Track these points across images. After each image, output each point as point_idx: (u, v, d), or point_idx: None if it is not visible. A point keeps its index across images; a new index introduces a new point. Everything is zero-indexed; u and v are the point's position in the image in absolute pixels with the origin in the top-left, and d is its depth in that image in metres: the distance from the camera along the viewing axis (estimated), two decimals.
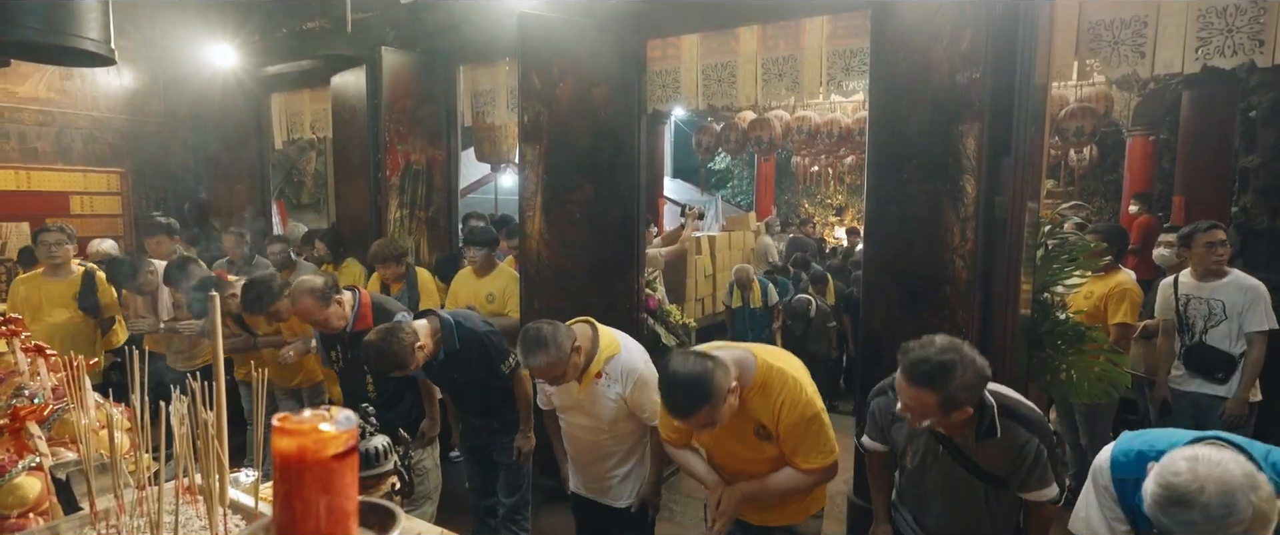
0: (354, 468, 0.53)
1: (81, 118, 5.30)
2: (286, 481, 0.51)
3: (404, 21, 4.52)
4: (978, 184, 2.67)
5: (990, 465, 1.78)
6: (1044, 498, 1.79)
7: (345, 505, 0.52)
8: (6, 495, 1.24)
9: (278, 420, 0.52)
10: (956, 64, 2.66)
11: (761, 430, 1.89)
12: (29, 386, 1.69)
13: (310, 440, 0.51)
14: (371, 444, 1.37)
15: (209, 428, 1.01)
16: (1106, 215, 8.50)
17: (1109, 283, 3.48)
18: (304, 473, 0.51)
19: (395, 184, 4.57)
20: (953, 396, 1.61)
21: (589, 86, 3.54)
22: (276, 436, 0.51)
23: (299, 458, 0.51)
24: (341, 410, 0.56)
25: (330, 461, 0.51)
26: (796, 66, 3.64)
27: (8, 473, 1.27)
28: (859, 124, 6.76)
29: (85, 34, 2.71)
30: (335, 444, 0.52)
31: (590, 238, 3.60)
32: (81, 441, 1.20)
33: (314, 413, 0.54)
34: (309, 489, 0.51)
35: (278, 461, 0.51)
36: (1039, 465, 1.75)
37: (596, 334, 2.29)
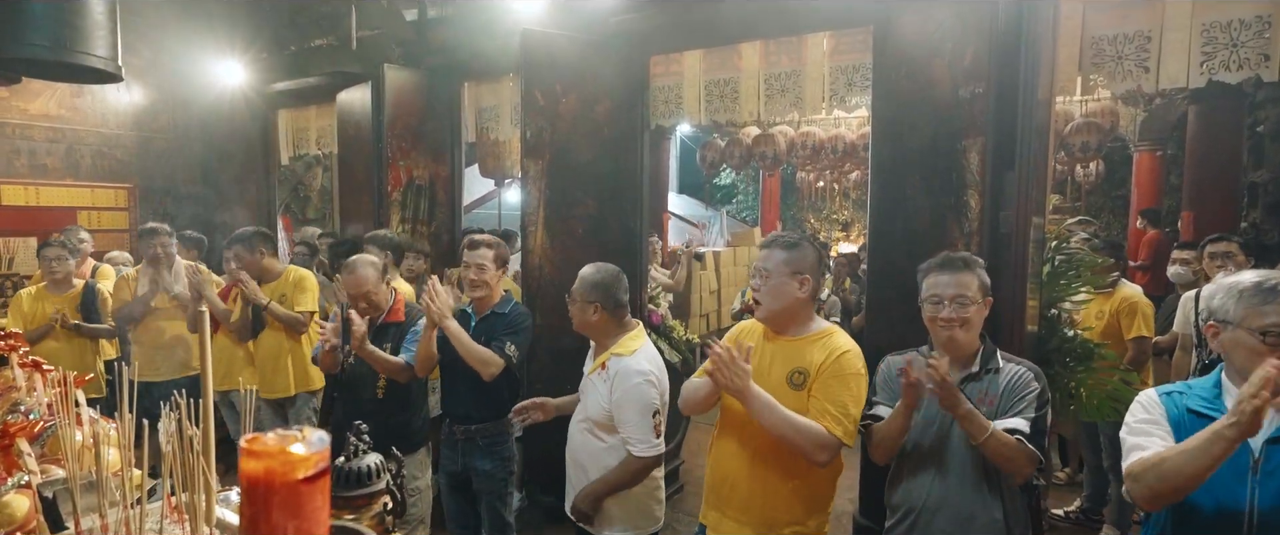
0: (324, 491, 0.51)
1: (91, 134, 5.36)
2: (253, 504, 0.49)
3: (409, 39, 4.56)
4: (982, 199, 2.65)
5: (984, 406, 1.79)
6: (1012, 425, 1.72)
7: (315, 530, 0.50)
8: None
9: (245, 441, 0.51)
10: (959, 79, 2.65)
11: (796, 376, 1.84)
12: (25, 402, 1.68)
13: (278, 462, 0.49)
14: (362, 463, 1.34)
15: (195, 444, 1.00)
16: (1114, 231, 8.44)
17: (1116, 298, 3.44)
18: (271, 496, 0.49)
19: (396, 199, 4.58)
20: (984, 279, 1.83)
21: (592, 103, 3.55)
22: (243, 458, 0.50)
23: (266, 480, 0.49)
24: (314, 431, 0.54)
25: (299, 484, 0.49)
26: (799, 82, 3.65)
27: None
28: (863, 139, 6.75)
29: (93, 51, 2.75)
30: (305, 466, 0.50)
31: (593, 253, 3.56)
32: (68, 459, 1.18)
33: (284, 433, 0.52)
34: (276, 513, 0.49)
35: (244, 484, 0.49)
36: (1025, 393, 1.77)
37: (628, 331, 2.20)
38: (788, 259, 1.86)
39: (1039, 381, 1.80)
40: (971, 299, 1.81)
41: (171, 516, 1.16)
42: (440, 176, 4.75)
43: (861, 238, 11.97)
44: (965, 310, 1.80)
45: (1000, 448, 1.70)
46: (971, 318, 1.81)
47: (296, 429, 0.54)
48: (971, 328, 1.82)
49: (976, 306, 1.82)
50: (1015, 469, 1.73)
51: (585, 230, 3.58)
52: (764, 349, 1.94)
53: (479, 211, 9.08)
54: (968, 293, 1.81)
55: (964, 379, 1.83)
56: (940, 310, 1.82)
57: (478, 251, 2.61)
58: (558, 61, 3.50)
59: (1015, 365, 1.84)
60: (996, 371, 1.83)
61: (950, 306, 1.81)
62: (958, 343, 1.82)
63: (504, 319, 2.64)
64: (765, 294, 1.88)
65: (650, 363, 2.14)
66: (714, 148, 7.34)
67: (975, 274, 1.83)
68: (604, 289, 2.17)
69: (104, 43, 2.79)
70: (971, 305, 1.81)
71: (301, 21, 5.08)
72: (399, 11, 4.45)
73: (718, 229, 11.50)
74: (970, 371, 1.85)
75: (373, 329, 2.78)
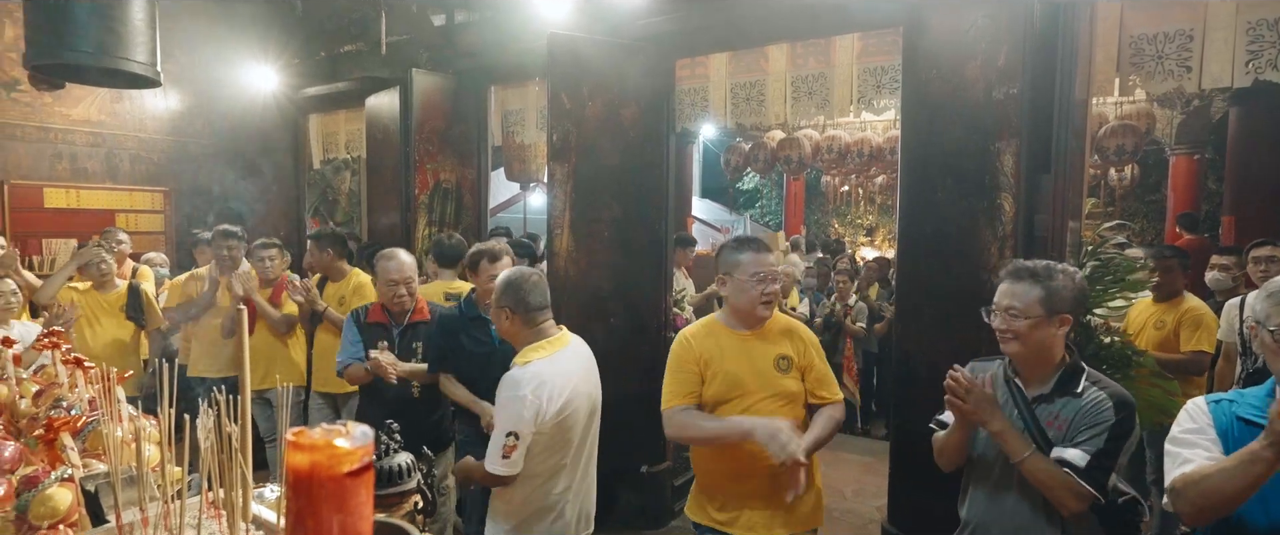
0: (369, 486, 0.51)
1: (129, 138, 5.50)
2: (299, 498, 0.49)
3: (437, 44, 4.61)
4: (1016, 202, 2.60)
5: (1053, 431, 1.66)
6: (1064, 456, 1.58)
7: (359, 525, 0.50)
8: (38, 506, 1.24)
9: (292, 434, 0.51)
10: (993, 80, 2.61)
11: (783, 361, 2.01)
12: (67, 398, 1.72)
13: (324, 456, 0.49)
14: (394, 462, 1.35)
15: (233, 442, 1.01)
16: (1149, 236, 8.23)
17: (1180, 309, 3.29)
18: (317, 490, 0.49)
19: (423, 202, 4.63)
20: (1056, 294, 1.63)
21: (618, 106, 3.56)
22: (290, 451, 0.50)
23: (312, 474, 0.49)
24: (358, 426, 0.54)
25: (344, 478, 0.49)
26: (827, 84, 3.62)
27: (40, 484, 1.28)
28: (890, 143, 6.68)
29: (134, 57, 2.82)
30: (350, 460, 0.50)
31: (618, 256, 3.59)
32: (110, 454, 1.21)
33: (329, 427, 0.52)
34: (322, 507, 0.48)
35: (290, 478, 0.49)
36: (1096, 422, 1.58)
37: (539, 338, 2.04)
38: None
39: (1120, 412, 1.60)
40: (1023, 313, 1.65)
41: (209, 512, 1.18)
42: (467, 180, 4.79)
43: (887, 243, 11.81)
44: (1014, 323, 1.66)
45: (1037, 473, 1.60)
46: (1022, 332, 1.65)
47: (341, 423, 0.54)
48: (1025, 343, 1.66)
49: (1029, 322, 1.64)
50: (1056, 499, 1.60)
51: (610, 233, 3.58)
52: (733, 350, 2.01)
53: (504, 215, 9.15)
54: (1018, 305, 1.66)
55: (1036, 399, 1.71)
56: (994, 320, 1.72)
57: (501, 262, 2.69)
58: (584, 65, 3.52)
59: (1099, 391, 1.65)
60: (1075, 395, 1.65)
61: (1000, 317, 1.69)
62: (1015, 357, 1.71)
63: None
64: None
65: (537, 379, 1.92)
66: (738, 152, 7.32)
67: (1041, 286, 1.65)
68: (512, 291, 2.03)
69: (144, 49, 2.87)
70: (1022, 320, 1.65)
71: (332, 27, 5.17)
72: (428, 17, 4.50)
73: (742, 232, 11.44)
74: (1042, 392, 1.70)
75: (401, 328, 2.83)
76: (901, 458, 2.99)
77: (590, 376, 2.15)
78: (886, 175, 9.10)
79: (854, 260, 7.84)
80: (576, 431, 2.04)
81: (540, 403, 1.91)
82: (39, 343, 2.01)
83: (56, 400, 1.70)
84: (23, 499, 1.23)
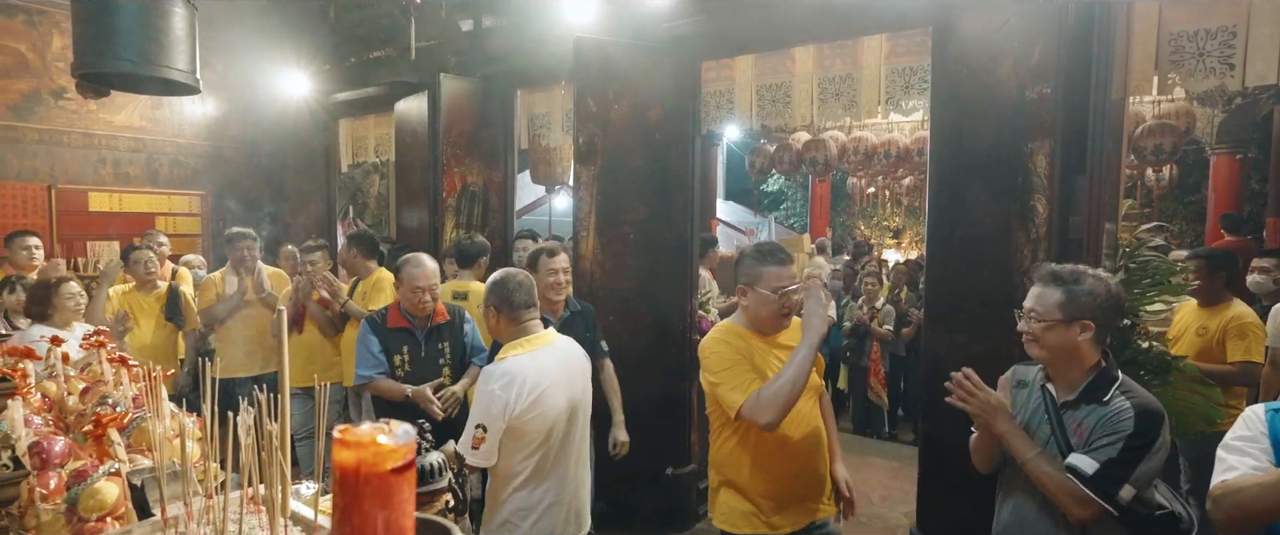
0: (411, 482, 0.52)
1: (168, 144, 5.68)
2: (345, 494, 0.50)
3: (465, 48, 4.67)
4: (1050, 204, 2.54)
5: (1075, 438, 1.64)
6: (1075, 462, 1.55)
7: (402, 521, 0.51)
8: (88, 499, 1.29)
9: (339, 431, 0.52)
10: (1025, 79, 2.56)
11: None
12: (112, 396, 1.78)
13: (369, 453, 0.51)
14: (426, 460, 1.37)
15: (273, 439, 1.04)
16: (1189, 238, 7.99)
17: (1225, 315, 3.15)
18: (362, 486, 0.50)
19: (451, 204, 4.69)
20: (1075, 299, 1.61)
21: (643, 108, 3.57)
22: (336, 448, 0.51)
23: (357, 470, 0.50)
24: (400, 424, 0.55)
25: (389, 475, 0.51)
26: (854, 86, 3.59)
27: (89, 477, 1.32)
28: (918, 144, 6.59)
29: (175, 65, 2.92)
30: (394, 457, 0.51)
31: (643, 258, 3.60)
32: (155, 450, 1.25)
33: (373, 426, 0.54)
34: (367, 503, 0.50)
35: (337, 474, 0.51)
36: (1114, 430, 1.55)
37: (520, 335, 2.08)
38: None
39: (1141, 422, 1.55)
40: (1042, 316, 1.65)
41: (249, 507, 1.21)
42: (494, 182, 4.84)
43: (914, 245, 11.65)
44: (1033, 326, 1.67)
45: (1040, 477, 1.59)
46: (1040, 335, 1.65)
47: (384, 422, 0.55)
48: (1045, 346, 1.66)
49: (1047, 325, 1.64)
50: (1060, 505, 1.59)
51: (636, 235, 3.59)
52: (763, 351, 1.99)
53: (529, 217, 9.22)
54: (1038, 308, 1.66)
55: (1063, 404, 1.68)
56: (1020, 321, 1.72)
57: (558, 257, 2.84)
58: (610, 68, 3.53)
59: (1124, 400, 1.60)
60: (1102, 403, 1.62)
61: (1023, 319, 1.70)
62: (1038, 360, 1.71)
63: (587, 322, 2.90)
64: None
65: (507, 375, 1.96)
66: (763, 153, 7.28)
67: (1063, 290, 1.63)
68: (499, 290, 2.11)
69: (184, 57, 2.96)
70: (1040, 323, 1.65)
71: (362, 34, 5.27)
72: (456, 22, 4.56)
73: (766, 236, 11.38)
74: (1068, 398, 1.67)
75: (426, 332, 2.87)
76: (930, 463, 2.95)
77: (574, 378, 2.15)
78: (914, 177, 8.98)
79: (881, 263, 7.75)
80: (555, 431, 2.04)
81: (508, 397, 1.93)
82: (86, 342, 2.08)
83: (102, 397, 1.76)
84: (72, 492, 1.27)
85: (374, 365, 2.81)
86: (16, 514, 1.32)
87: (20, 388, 1.62)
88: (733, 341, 1.97)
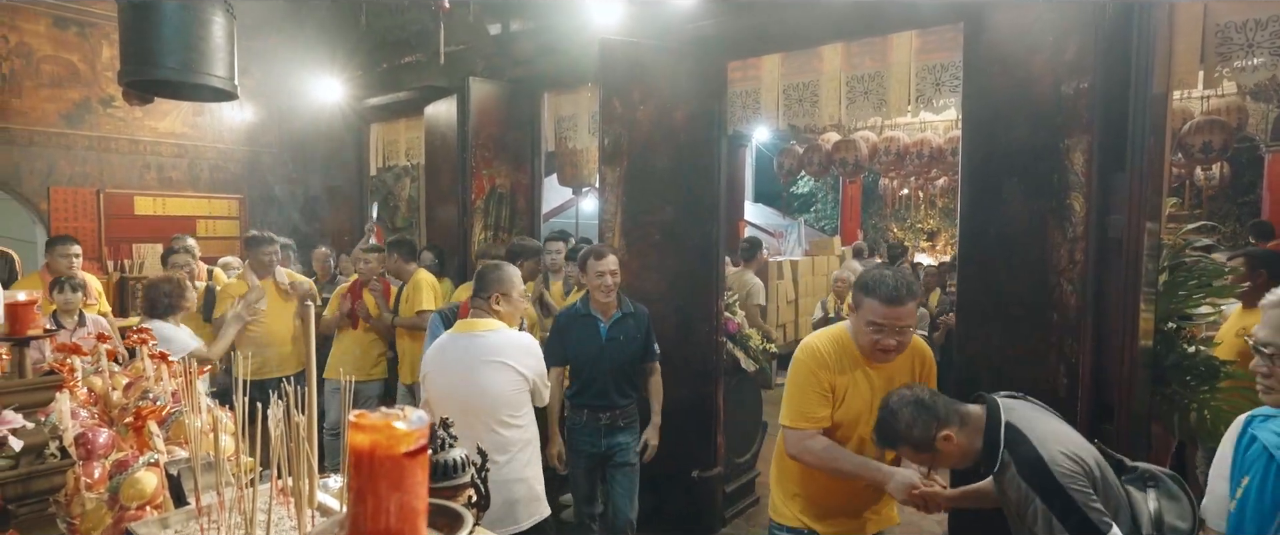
0: (424, 467, 0.54)
1: (209, 149, 5.87)
2: (360, 477, 0.52)
3: (492, 52, 4.74)
4: (1088, 202, 2.48)
5: (1009, 515, 1.65)
6: None
7: (415, 504, 0.53)
8: (129, 488, 1.34)
9: (355, 416, 0.54)
10: (1061, 74, 2.50)
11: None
12: (153, 390, 1.86)
13: (383, 436, 0.52)
14: (449, 456, 1.39)
15: (300, 431, 1.07)
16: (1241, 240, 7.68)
17: None
18: (376, 468, 0.52)
19: (479, 207, 4.76)
20: (905, 437, 1.70)
21: (669, 109, 3.58)
22: (352, 432, 0.53)
23: (371, 453, 0.52)
24: (414, 410, 0.57)
25: (402, 458, 0.52)
26: (883, 84, 3.54)
27: (130, 467, 1.38)
28: (951, 144, 6.47)
29: (215, 72, 3.03)
30: (407, 441, 0.53)
31: (669, 259, 3.60)
32: (191, 442, 1.29)
33: (387, 411, 0.55)
34: (381, 485, 0.51)
35: (352, 457, 0.53)
36: (1039, 527, 1.52)
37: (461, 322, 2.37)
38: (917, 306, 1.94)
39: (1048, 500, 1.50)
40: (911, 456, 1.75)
41: (278, 499, 1.25)
42: (521, 185, 4.90)
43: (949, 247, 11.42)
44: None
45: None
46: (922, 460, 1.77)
47: (399, 408, 0.57)
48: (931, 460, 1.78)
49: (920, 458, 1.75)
50: None
51: (662, 236, 3.60)
52: (868, 374, 1.97)
53: (556, 219, 9.29)
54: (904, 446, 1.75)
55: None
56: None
57: (605, 259, 2.92)
58: (635, 70, 3.55)
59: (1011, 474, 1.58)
60: (996, 471, 1.65)
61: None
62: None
63: (640, 324, 2.99)
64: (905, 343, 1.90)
65: (431, 348, 2.37)
66: (792, 154, 7.22)
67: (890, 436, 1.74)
68: (475, 278, 2.44)
69: (223, 64, 3.08)
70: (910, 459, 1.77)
71: (393, 40, 5.39)
72: (484, 26, 4.64)
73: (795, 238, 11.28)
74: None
75: None
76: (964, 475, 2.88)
77: (470, 371, 2.24)
78: (947, 177, 8.81)
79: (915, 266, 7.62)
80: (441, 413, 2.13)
81: (423, 366, 2.34)
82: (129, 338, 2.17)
83: (144, 392, 1.83)
84: (115, 481, 1.33)
85: None
86: (63, 502, 1.38)
87: (67, 381, 1.70)
88: (824, 352, 1.94)
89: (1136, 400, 2.52)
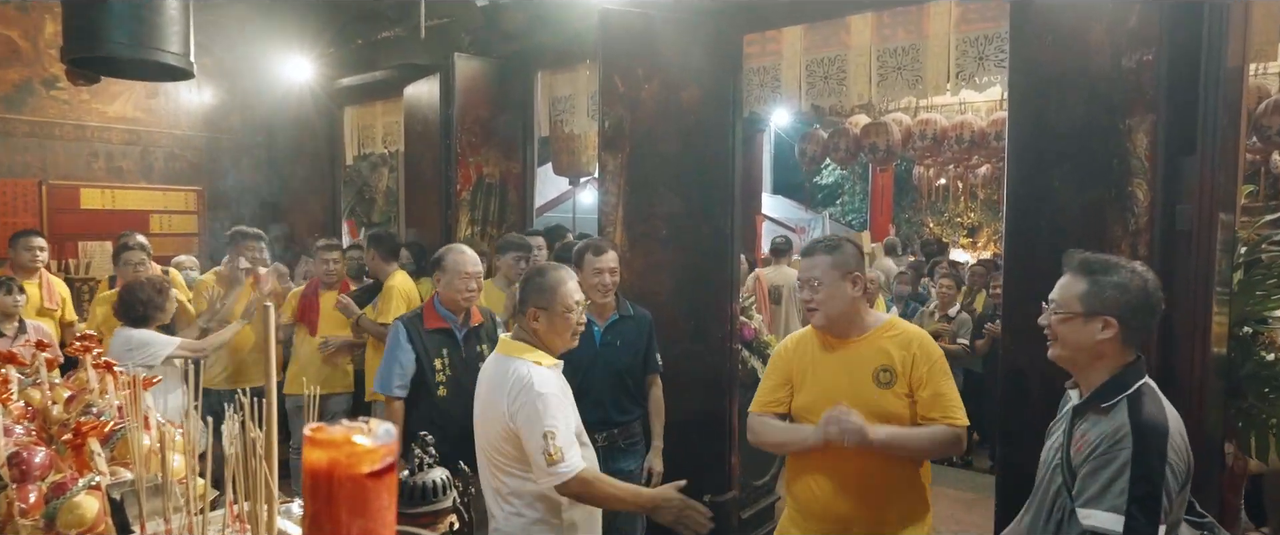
0: (391, 488, 0.52)
1: (164, 135, 5.89)
2: (317, 500, 0.51)
3: (479, 26, 4.74)
4: (1152, 190, 2.45)
5: (1077, 454, 1.62)
6: (1093, 523, 1.50)
7: (380, 531, 0.51)
8: (66, 514, 1.33)
9: (310, 430, 0.52)
10: (1122, 45, 2.47)
11: (883, 375, 2.04)
12: (97, 404, 1.85)
13: (344, 453, 0.51)
14: (429, 477, 1.38)
15: (257, 448, 1.06)
16: None
17: None
18: (336, 490, 0.50)
19: (465, 199, 4.75)
20: (1101, 292, 1.63)
21: (677, 88, 3.56)
22: (307, 448, 0.51)
23: (330, 473, 0.50)
24: (381, 423, 0.55)
25: (365, 479, 0.51)
26: (918, 58, 3.52)
27: (70, 491, 1.37)
28: (995, 127, 6.43)
29: (168, 47, 3.03)
30: (370, 459, 0.51)
31: (678, 257, 3.58)
32: (136, 462, 1.28)
33: (349, 424, 0.54)
34: (341, 510, 0.50)
35: (308, 477, 0.51)
36: (1108, 470, 1.51)
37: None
38: (835, 262, 2.04)
39: (1140, 443, 1.50)
40: (1061, 307, 1.69)
41: (233, 525, 1.24)
42: (511, 174, 4.89)
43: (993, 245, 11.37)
44: (1051, 318, 1.71)
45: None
46: (1057, 330, 1.69)
47: (364, 420, 0.55)
48: (1063, 344, 1.68)
49: (1063, 318, 1.68)
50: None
51: (669, 231, 3.58)
52: (826, 359, 2.13)
53: (552, 213, 9.29)
54: (1059, 299, 1.70)
55: (1076, 410, 1.69)
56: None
57: (605, 256, 2.89)
58: (640, 42, 3.53)
59: (1124, 415, 1.56)
60: (1103, 411, 1.61)
61: (1046, 311, 1.74)
62: (1061, 361, 1.72)
63: (640, 330, 2.97)
64: (822, 302, 2.05)
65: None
66: (815, 140, 7.19)
67: (1089, 281, 1.65)
68: (552, 276, 2.15)
69: (178, 39, 3.07)
70: (1057, 315, 1.70)
71: (369, 13, 5.39)
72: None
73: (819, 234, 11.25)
74: (1078, 403, 1.70)
75: (465, 333, 3.01)
76: (1008, 492, 2.85)
77: (479, 402, 2.16)
78: (991, 165, 8.76)
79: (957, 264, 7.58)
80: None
81: None
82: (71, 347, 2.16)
83: (87, 406, 1.83)
84: (51, 506, 1.32)
85: (400, 384, 2.85)
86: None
87: (1, 394, 1.69)
88: (789, 343, 2.24)
89: (1209, 416, 2.49)
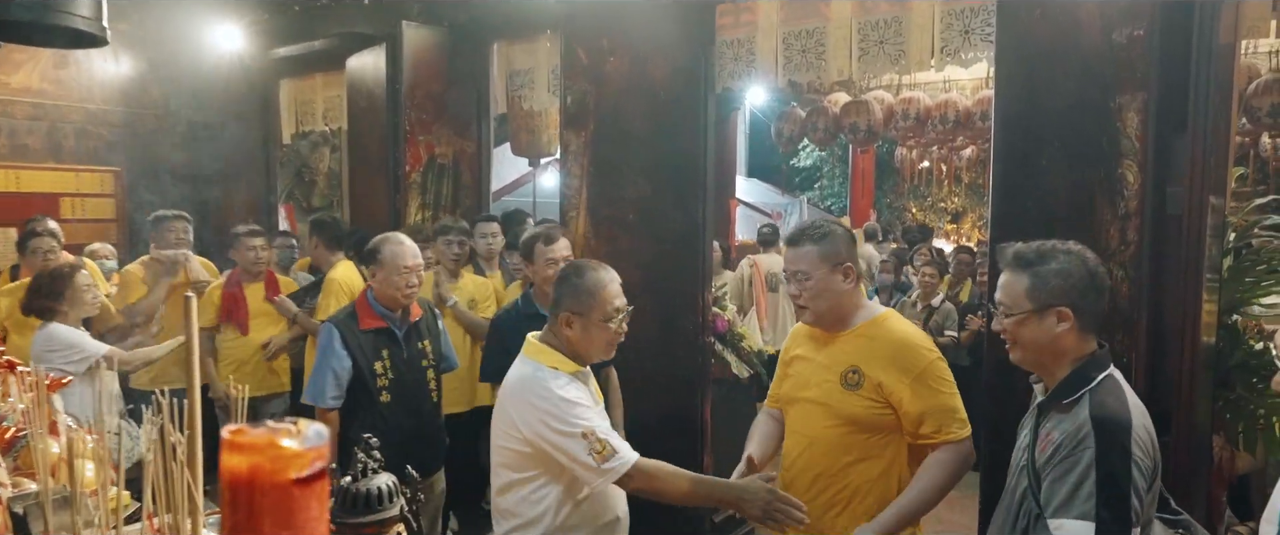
0: (321, 497, 0.49)
1: (75, 110, 5.66)
2: (237, 510, 0.47)
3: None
4: (1142, 172, 2.49)
5: (1041, 455, 1.64)
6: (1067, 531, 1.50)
7: None
8: None
9: (229, 431, 0.49)
10: (1112, 19, 2.51)
11: (852, 375, 2.01)
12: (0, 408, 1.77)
13: (267, 457, 0.47)
14: (373, 484, 1.34)
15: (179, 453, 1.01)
16: None
17: None
18: (258, 499, 0.47)
19: (415, 181, 4.67)
20: (1045, 282, 1.63)
21: (645, 62, 3.53)
22: (226, 452, 0.48)
23: (252, 480, 0.47)
24: (311, 424, 0.52)
25: (291, 486, 0.47)
26: (902, 32, 3.54)
27: None
28: (981, 106, 6.53)
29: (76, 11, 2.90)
30: (298, 464, 0.48)
31: (646, 244, 3.57)
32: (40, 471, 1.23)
33: (275, 426, 0.50)
34: (263, 520, 0.47)
35: (225, 485, 0.48)
36: (1073, 473, 1.51)
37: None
38: (822, 252, 2.00)
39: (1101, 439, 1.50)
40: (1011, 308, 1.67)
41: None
42: (465, 154, 4.82)
43: (977, 231, 11.58)
44: (1005, 323, 1.69)
45: None
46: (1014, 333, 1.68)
47: (291, 421, 0.52)
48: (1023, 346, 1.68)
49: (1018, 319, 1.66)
50: None
51: (637, 216, 3.56)
52: (810, 353, 2.16)
53: (510, 197, 9.21)
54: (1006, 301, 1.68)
55: (1040, 408, 1.71)
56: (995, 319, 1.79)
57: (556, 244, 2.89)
58: (606, 12, 3.50)
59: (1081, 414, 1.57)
60: (1065, 408, 1.61)
61: (997, 316, 1.74)
62: (1025, 364, 1.73)
63: None
64: (811, 298, 2.02)
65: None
66: (793, 119, 7.23)
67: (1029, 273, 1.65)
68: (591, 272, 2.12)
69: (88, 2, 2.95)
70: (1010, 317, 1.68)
71: None
72: None
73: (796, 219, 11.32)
74: (1043, 401, 1.70)
75: (405, 330, 2.88)
76: (993, 492, 2.90)
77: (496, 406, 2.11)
78: (976, 147, 8.91)
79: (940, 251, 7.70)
80: None
81: None
82: None
83: None
84: None
85: (335, 394, 2.69)
86: None
87: None
88: (791, 337, 2.32)
89: (1198, 407, 2.56)
